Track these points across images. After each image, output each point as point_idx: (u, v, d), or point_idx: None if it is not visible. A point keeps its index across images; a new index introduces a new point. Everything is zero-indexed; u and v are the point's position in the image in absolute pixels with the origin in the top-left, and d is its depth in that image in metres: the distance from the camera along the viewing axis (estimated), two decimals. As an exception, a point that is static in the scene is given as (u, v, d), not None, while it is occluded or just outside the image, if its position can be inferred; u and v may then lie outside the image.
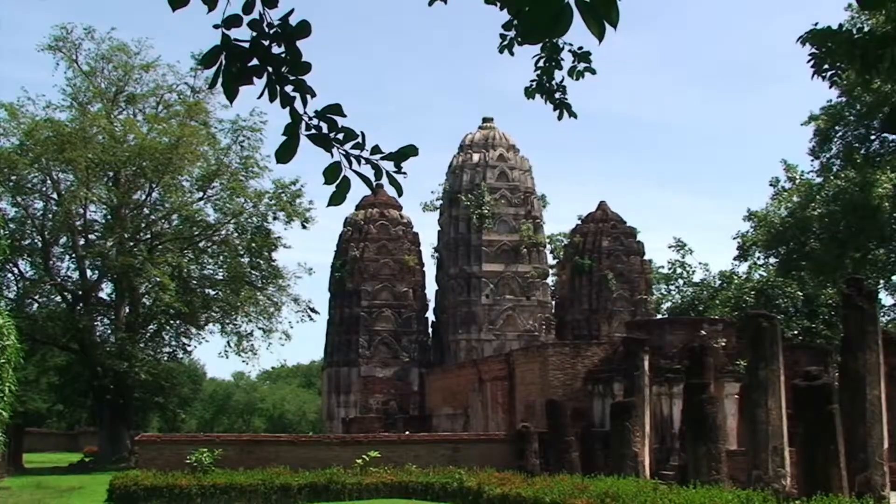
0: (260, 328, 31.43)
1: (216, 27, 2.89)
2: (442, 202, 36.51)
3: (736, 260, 37.03)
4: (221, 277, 31.55)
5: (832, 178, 30.67)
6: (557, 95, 6.60)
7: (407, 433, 22.52)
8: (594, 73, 6.42)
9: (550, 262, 39.51)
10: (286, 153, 2.98)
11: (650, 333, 21.70)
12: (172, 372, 36.32)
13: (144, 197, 30.95)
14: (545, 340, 31.43)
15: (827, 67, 7.18)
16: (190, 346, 33.36)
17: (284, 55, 2.93)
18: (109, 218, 30.45)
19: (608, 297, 33.59)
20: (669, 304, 41.45)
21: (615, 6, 2.26)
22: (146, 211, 30.95)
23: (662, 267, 42.93)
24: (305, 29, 2.87)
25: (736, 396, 20.75)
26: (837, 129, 31.97)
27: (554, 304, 36.56)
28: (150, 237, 30.71)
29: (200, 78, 31.47)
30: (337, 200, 2.96)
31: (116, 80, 31.30)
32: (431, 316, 36.39)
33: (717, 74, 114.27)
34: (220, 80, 2.95)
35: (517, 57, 6.39)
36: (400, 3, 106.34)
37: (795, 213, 31.68)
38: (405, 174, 2.96)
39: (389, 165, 2.95)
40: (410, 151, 2.92)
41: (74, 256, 30.31)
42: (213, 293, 31.71)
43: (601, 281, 33.84)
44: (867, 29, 6.88)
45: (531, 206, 35.13)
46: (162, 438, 19.20)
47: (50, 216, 30.09)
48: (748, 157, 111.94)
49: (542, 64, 6.45)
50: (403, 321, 33.88)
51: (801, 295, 32.49)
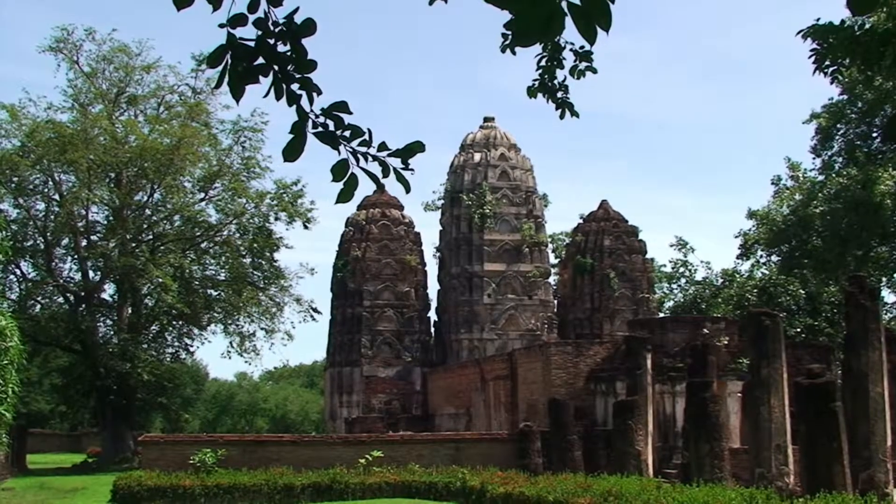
0: (262, 328, 31.43)
1: (221, 26, 2.91)
2: (443, 202, 36.51)
3: (738, 258, 37.03)
4: (223, 278, 31.56)
5: (834, 175, 30.66)
6: (559, 94, 6.61)
7: (402, 433, 22.56)
8: (595, 72, 6.44)
9: (552, 261, 39.49)
10: (293, 151, 2.99)
11: (652, 332, 21.73)
12: (175, 372, 36.33)
13: (146, 198, 30.98)
14: (547, 339, 31.44)
15: (828, 63, 7.19)
16: (192, 346, 33.38)
17: (290, 53, 2.93)
18: (111, 219, 30.50)
19: (610, 296, 33.58)
20: (672, 302, 41.43)
21: (607, 10, 2.26)
22: (148, 212, 30.97)
23: (664, 266, 42.93)
24: (311, 27, 2.88)
25: (739, 394, 20.76)
26: (839, 126, 31.95)
27: (556, 303, 36.55)
28: (152, 238, 30.74)
29: (201, 79, 31.51)
30: (345, 198, 2.97)
31: (117, 81, 31.33)
32: (433, 315, 36.43)
33: (719, 73, 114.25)
34: (225, 79, 2.96)
35: (519, 56, 6.42)
36: (400, 2, 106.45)
37: (797, 210, 31.67)
38: (412, 171, 2.97)
39: (396, 162, 2.96)
40: (417, 148, 2.93)
41: (76, 257, 30.33)
42: (215, 294, 31.73)
43: (603, 280, 33.82)
44: (868, 26, 6.89)
45: (533, 205, 35.13)
46: (165, 439, 19.23)
47: (52, 217, 30.12)
48: (750, 155, 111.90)
49: (543, 63, 6.47)
50: (405, 321, 33.90)
51: (803, 293, 32.48)
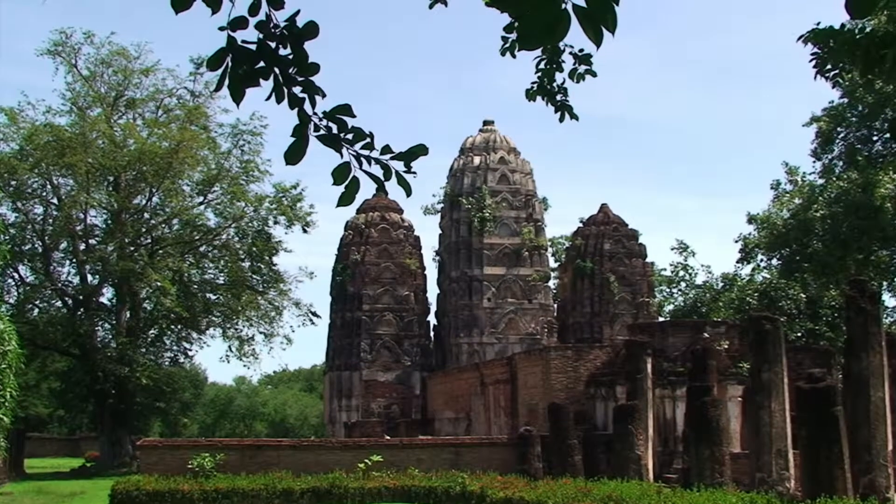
0: (261, 332, 31.46)
1: (222, 29, 2.91)
2: (443, 205, 36.50)
3: (739, 262, 37.05)
4: (222, 282, 31.56)
5: (834, 179, 30.68)
6: (558, 97, 6.61)
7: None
8: (595, 75, 6.44)
9: (552, 265, 39.45)
10: (295, 154, 2.99)
11: (653, 336, 21.69)
12: (174, 377, 36.28)
13: (145, 201, 30.99)
14: (547, 343, 31.38)
15: (829, 67, 7.20)
16: (191, 350, 33.44)
17: (292, 56, 2.93)
18: (110, 222, 30.50)
19: (610, 299, 33.56)
20: (672, 306, 41.42)
21: (613, 12, 2.27)
22: (146, 215, 30.98)
23: (665, 269, 42.89)
24: (313, 30, 2.88)
25: (739, 399, 20.74)
26: (840, 130, 31.97)
27: (556, 307, 36.49)
28: (150, 242, 30.74)
29: (200, 82, 31.55)
30: (346, 201, 2.96)
31: (116, 84, 31.35)
32: (433, 319, 36.37)
33: (718, 75, 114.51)
34: (225, 82, 2.96)
35: (518, 59, 6.39)
36: (400, 5, 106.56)
37: (798, 214, 31.68)
38: (415, 174, 2.97)
39: (399, 166, 2.96)
40: (420, 151, 2.93)
41: (75, 261, 30.32)
42: (213, 297, 31.73)
43: (603, 284, 33.82)
44: (869, 29, 6.90)
45: (532, 208, 35.12)
46: (163, 443, 19.18)
47: (50, 221, 30.12)
48: (750, 158, 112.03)
49: (543, 66, 6.47)
50: (405, 325, 33.89)
51: (803, 297, 32.48)
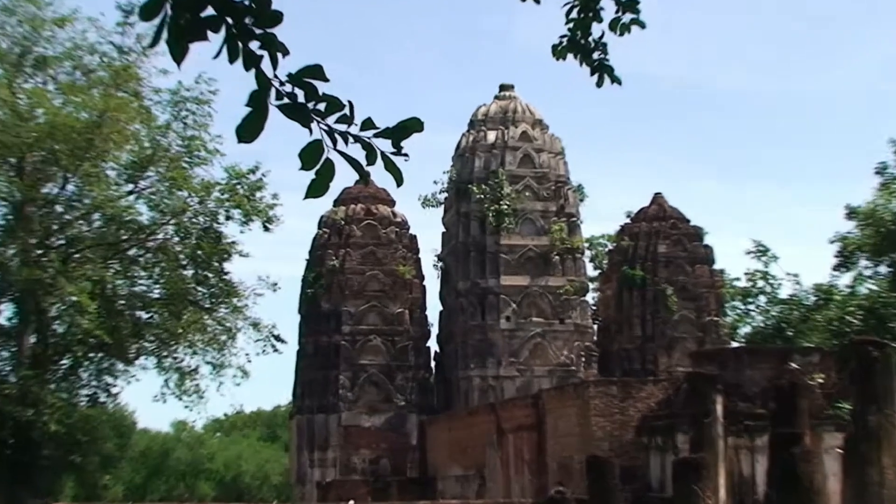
0: (208, 363, 31.29)
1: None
2: (447, 195, 36.57)
3: (836, 269, 36.91)
4: (157, 296, 31.52)
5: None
6: (596, 55, 6.53)
7: (394, 502, 22.62)
8: (643, 26, 6.33)
9: (591, 273, 39.43)
10: (251, 129, 3.01)
11: (724, 367, 21.73)
12: (92, 421, 36.20)
13: (57, 191, 31.00)
14: (585, 377, 31.40)
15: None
16: (115, 386, 33.25)
17: (248, 3, 2.95)
18: (11, 218, 30.53)
19: (667, 319, 33.59)
20: (749, 328, 41.38)
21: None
22: (59, 208, 30.94)
23: (738, 279, 42.83)
24: (274, -31, 2.93)
25: (839, 450, 20.67)
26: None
27: (596, 328, 36.46)
28: (64, 243, 30.72)
29: (131, 35, 31.49)
30: (317, 191, 2.99)
31: (21, 38, 31.37)
32: (434, 345, 36.41)
33: (803, 29, 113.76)
34: (163, 35, 2.97)
35: (543, 5, 6.25)
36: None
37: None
38: (406, 156, 2.98)
39: (386, 145, 2.98)
40: (413, 126, 2.95)
41: (-36, 269, 30.37)
42: (146, 316, 31.65)
43: (658, 298, 33.82)
44: None
45: (565, 199, 35.19)
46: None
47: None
48: (849, 134, 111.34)
49: (575, 15, 6.40)
50: (397, 353, 33.94)
51: (923, 315, 32.41)
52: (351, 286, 34.21)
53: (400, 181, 3.11)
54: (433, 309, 37.31)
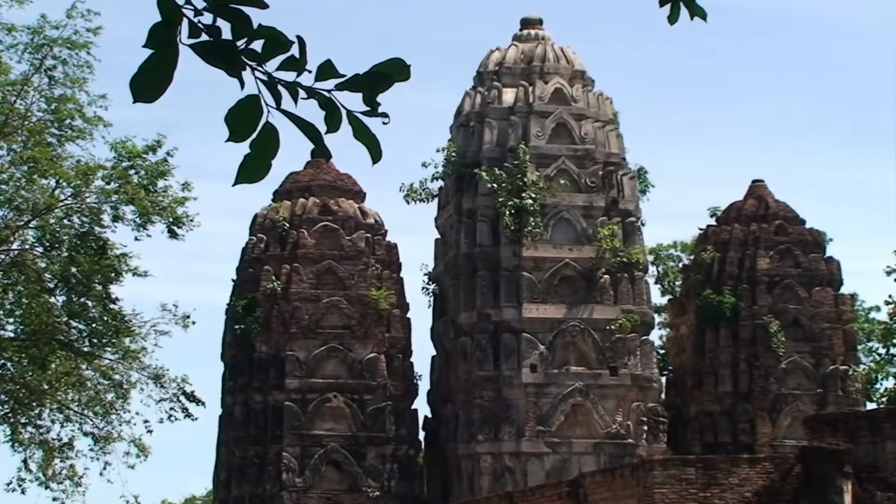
0: (88, 434, 31.34)
1: None
2: (443, 185, 36.55)
3: None
4: (11, 335, 31.54)
5: None
6: None
7: None
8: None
9: (657, 300, 39.44)
10: (152, 82, 3.02)
11: (855, 439, 21.69)
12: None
13: None
14: (648, 454, 31.27)
15: None
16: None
17: None
18: None
19: (772, 368, 33.53)
20: (892, 382, 41.38)
21: None
22: None
23: (877, 309, 42.89)
24: None
25: None
26: None
27: (664, 382, 36.38)
28: None
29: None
30: (253, 173, 2.97)
31: None
32: (424, 407, 36.30)
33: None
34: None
35: None
36: None
37: None
38: (386, 117, 2.96)
39: (355, 102, 2.95)
40: (395, 72, 2.92)
41: None
42: (-6, 366, 31.70)
43: (758, 337, 33.77)
44: None
45: (618, 190, 35.21)
46: None
47: None
48: None
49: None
50: (369, 418, 33.88)
51: None
52: (299, 320, 34.08)
53: (377, 155, 3.09)
54: (422, 353, 37.21)
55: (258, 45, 3.06)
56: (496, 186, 34.01)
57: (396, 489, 33.79)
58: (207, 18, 3.07)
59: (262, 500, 33.57)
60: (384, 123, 3.02)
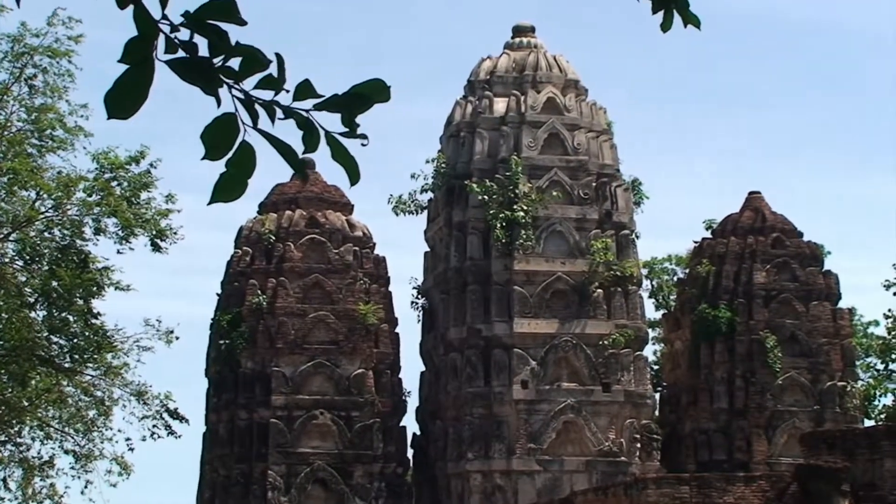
0: (69, 451, 31.27)
1: None
2: (432, 197, 36.56)
3: None
4: (-10, 350, 31.48)
5: None
6: None
7: None
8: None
9: (651, 314, 39.40)
10: (127, 98, 3.03)
11: (853, 457, 21.72)
12: None
13: None
14: (642, 472, 31.26)
15: None
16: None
17: None
18: None
19: (768, 383, 33.56)
20: (890, 398, 41.41)
21: None
22: None
23: (875, 324, 42.94)
24: None
25: None
26: None
27: (658, 398, 36.37)
28: None
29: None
30: (229, 192, 2.97)
31: None
32: (413, 424, 36.27)
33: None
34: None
35: None
36: None
37: None
38: (365, 138, 2.95)
39: (334, 123, 2.95)
40: (374, 92, 2.92)
41: None
42: (-27, 382, 31.63)
43: (754, 352, 33.81)
44: None
45: (612, 202, 35.26)
46: None
47: None
48: None
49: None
50: (356, 436, 33.86)
51: None
52: (286, 335, 34.07)
53: (355, 177, 3.10)
54: (411, 369, 37.18)
55: (235, 62, 3.08)
56: (487, 198, 34.05)
57: (384, 508, 33.82)
58: (184, 34, 3.09)
59: (246, 519, 33.53)
60: (363, 145, 3.03)
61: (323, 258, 35.02)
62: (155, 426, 31.40)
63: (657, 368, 38.92)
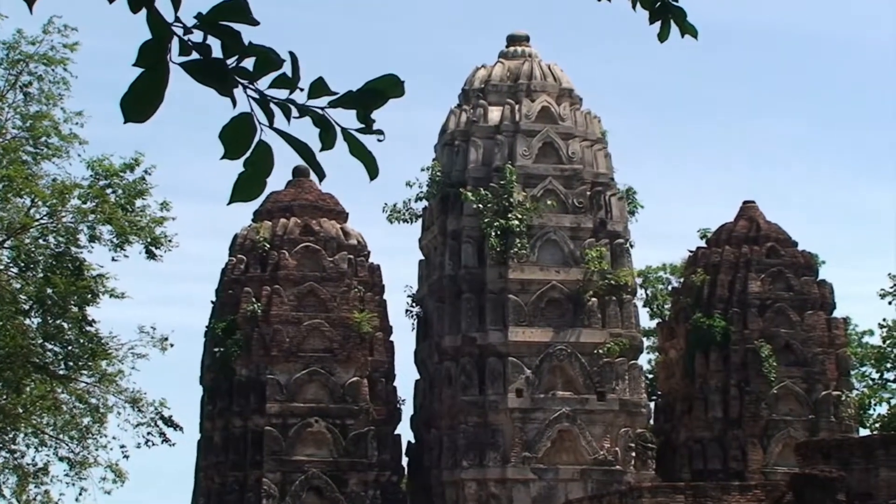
0: (64, 458, 31.23)
1: None
2: (427, 204, 36.57)
3: None
4: (-15, 357, 31.44)
5: None
6: None
7: None
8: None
9: (646, 323, 39.49)
10: (143, 101, 3.03)
11: (848, 466, 21.75)
12: None
13: None
14: (636, 481, 31.29)
15: None
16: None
17: None
18: None
19: (763, 392, 33.56)
20: (885, 408, 41.48)
21: None
22: None
23: (870, 333, 43.02)
24: None
25: None
26: None
27: (653, 407, 36.37)
28: None
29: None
30: (248, 190, 3.02)
31: None
32: (407, 432, 36.25)
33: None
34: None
35: None
36: None
37: None
38: (381, 134, 2.98)
39: (348, 118, 2.98)
40: (389, 88, 2.95)
41: None
42: (-34, 389, 31.58)
43: (749, 361, 33.81)
44: None
45: (607, 211, 35.29)
46: None
47: None
48: None
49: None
50: (351, 443, 33.82)
51: None
52: (280, 343, 34.03)
53: (374, 172, 3.09)
54: (405, 377, 37.27)
55: (249, 62, 3.08)
56: (482, 207, 34.05)
57: (379, 516, 33.79)
58: (197, 36, 3.09)
59: (240, 527, 33.49)
60: (379, 140, 3.04)
61: (317, 266, 34.97)
62: (149, 433, 31.38)
63: (652, 377, 38.92)
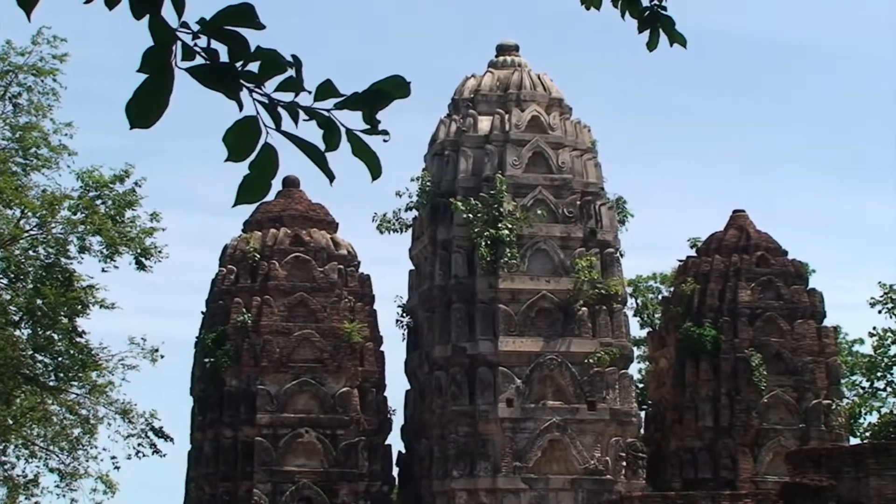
0: (54, 470, 31.21)
1: None
2: (417, 214, 36.64)
3: None
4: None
5: None
6: (647, 1, 6.77)
7: None
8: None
9: (636, 332, 39.56)
10: (149, 107, 3.06)
11: (838, 475, 21.82)
12: None
13: None
14: (627, 490, 31.34)
15: None
16: None
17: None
18: None
19: (753, 401, 33.62)
20: (875, 416, 41.59)
21: None
22: None
23: (860, 342, 43.13)
24: None
25: None
26: None
27: (643, 416, 36.44)
28: None
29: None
30: (254, 192, 3.03)
31: None
32: (398, 442, 36.27)
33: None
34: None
35: None
36: None
37: None
38: (386, 134, 3.02)
39: (354, 120, 3.02)
40: (395, 89, 2.98)
41: None
42: (-44, 401, 31.54)
43: (739, 370, 33.88)
44: None
45: (597, 220, 35.36)
46: None
47: None
48: None
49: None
50: (341, 454, 33.82)
51: None
52: (271, 354, 34.03)
53: (376, 172, 3.13)
54: (396, 387, 37.22)
55: (255, 66, 3.12)
56: (472, 216, 34.07)
57: (370, 527, 33.81)
58: (202, 41, 3.13)
59: (231, 538, 33.49)
60: (385, 141, 3.09)
61: (308, 276, 35.00)
62: (140, 444, 31.37)
63: (642, 386, 39.01)
